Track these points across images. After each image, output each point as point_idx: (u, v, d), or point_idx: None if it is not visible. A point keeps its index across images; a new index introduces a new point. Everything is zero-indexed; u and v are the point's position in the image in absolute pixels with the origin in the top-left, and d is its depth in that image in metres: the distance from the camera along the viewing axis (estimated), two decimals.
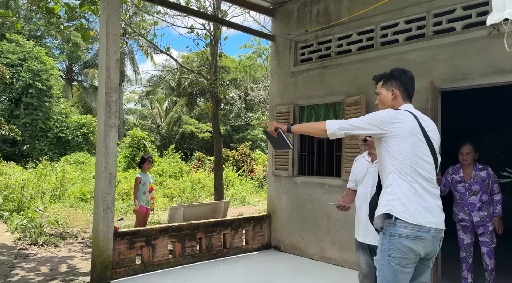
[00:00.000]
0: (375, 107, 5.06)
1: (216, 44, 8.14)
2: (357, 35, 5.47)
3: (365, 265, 3.11)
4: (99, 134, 4.62)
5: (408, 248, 2.19)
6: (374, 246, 2.99)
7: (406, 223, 2.19)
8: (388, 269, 2.24)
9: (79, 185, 12.66)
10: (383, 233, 2.31)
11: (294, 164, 6.24)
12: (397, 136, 2.26)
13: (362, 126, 2.32)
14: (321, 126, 2.43)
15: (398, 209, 2.21)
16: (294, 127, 2.61)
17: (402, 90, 2.48)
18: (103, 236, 4.52)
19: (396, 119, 2.28)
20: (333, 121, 2.40)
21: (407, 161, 2.24)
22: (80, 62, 28.78)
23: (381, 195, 2.36)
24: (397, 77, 2.51)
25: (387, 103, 2.52)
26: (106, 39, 4.57)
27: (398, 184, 2.24)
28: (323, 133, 2.43)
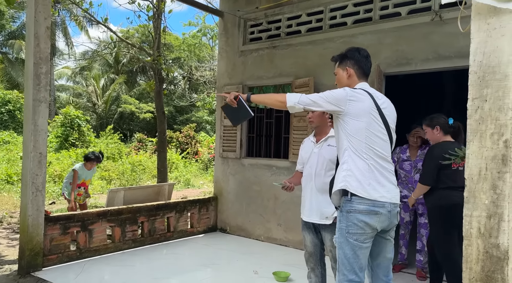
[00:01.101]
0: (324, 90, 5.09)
1: (159, 18, 7.67)
2: (306, 16, 5.43)
3: (310, 244, 3.13)
4: (27, 110, 4.14)
5: (364, 223, 2.24)
6: (319, 225, 3.02)
7: (361, 198, 2.23)
8: (347, 245, 2.27)
9: (5, 167, 11.55)
10: (340, 211, 2.33)
11: (242, 145, 6.14)
12: (353, 114, 2.28)
13: (320, 103, 2.31)
14: (281, 98, 2.38)
15: (353, 185, 2.25)
16: (254, 96, 2.53)
17: (357, 69, 2.49)
18: (33, 221, 4.10)
19: (352, 97, 2.29)
20: (293, 94, 2.37)
21: (362, 139, 2.27)
22: (4, 32, 25.91)
23: (337, 171, 2.38)
24: (351, 56, 2.52)
25: (343, 83, 2.52)
26: (35, 4, 4.05)
27: (354, 161, 2.28)
28: (282, 105, 2.39)
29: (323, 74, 5.16)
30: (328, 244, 3.01)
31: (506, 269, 1.68)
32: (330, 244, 2.99)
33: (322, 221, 2.98)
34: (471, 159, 1.77)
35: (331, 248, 3.00)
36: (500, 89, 1.71)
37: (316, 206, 3.00)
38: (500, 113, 1.70)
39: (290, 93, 2.40)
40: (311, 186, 3.04)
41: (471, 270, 1.75)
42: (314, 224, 3.06)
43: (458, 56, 4.11)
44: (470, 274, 1.76)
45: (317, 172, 3.01)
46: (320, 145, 3.07)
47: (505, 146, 1.68)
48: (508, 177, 1.68)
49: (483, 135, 1.74)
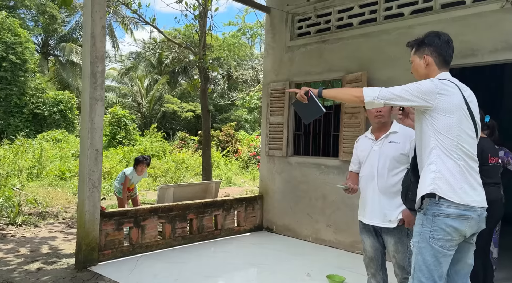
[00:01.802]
0: (377, 85, 4.85)
1: (205, 16, 7.71)
2: (359, 7, 5.20)
3: (370, 248, 2.95)
4: (84, 108, 4.25)
5: (453, 229, 2.03)
6: (380, 228, 2.84)
7: (451, 202, 2.02)
8: (430, 251, 2.07)
9: (58, 163, 12.15)
10: (424, 213, 2.11)
11: (288, 143, 6.01)
12: (444, 110, 2.06)
13: (405, 96, 2.08)
14: (357, 92, 2.18)
15: (443, 188, 2.03)
16: (326, 91, 2.36)
17: (436, 57, 2.24)
18: (89, 216, 4.21)
19: (443, 90, 2.06)
20: (371, 88, 2.16)
21: (454, 137, 2.05)
22: (56, 35, 27.40)
23: (423, 172, 2.15)
24: (430, 42, 2.26)
25: (420, 72, 2.29)
26: (92, 3, 4.15)
27: (443, 161, 2.06)
28: (357, 100, 2.19)
29: (377, 68, 4.92)
30: (391, 249, 2.83)
31: None
32: (393, 249, 2.81)
33: (385, 224, 2.80)
34: None
35: (395, 253, 2.81)
36: None
37: (378, 208, 2.82)
38: None
39: (367, 87, 2.20)
40: (373, 187, 2.85)
41: None
42: (374, 227, 2.89)
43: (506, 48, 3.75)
44: None
45: (379, 172, 2.82)
46: (380, 143, 2.86)
47: None
48: None
49: None
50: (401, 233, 2.77)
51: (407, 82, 4.61)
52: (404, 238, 2.78)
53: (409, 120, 2.69)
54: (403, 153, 2.77)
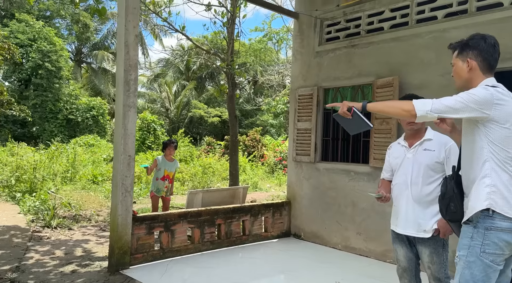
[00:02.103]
0: (409, 89, 4.74)
1: (233, 23, 7.79)
2: (390, 11, 5.11)
3: (404, 259, 2.87)
4: (118, 114, 4.37)
5: (506, 243, 1.95)
6: (414, 238, 2.76)
7: (506, 217, 1.94)
8: (479, 266, 1.99)
9: (90, 168, 12.54)
10: (474, 226, 2.02)
11: (316, 149, 5.96)
12: (500, 120, 1.96)
13: (460, 108, 1.97)
14: (407, 106, 2.05)
15: (499, 203, 1.96)
16: (371, 105, 2.22)
17: (481, 61, 2.12)
18: (122, 220, 4.31)
19: (499, 100, 1.96)
20: (422, 101, 2.03)
21: (509, 148, 1.97)
22: (89, 43, 28.46)
23: (476, 186, 2.05)
24: (474, 45, 2.15)
25: (462, 76, 2.18)
26: (125, 13, 4.28)
27: (498, 174, 1.98)
28: (408, 115, 2.06)
29: (409, 73, 4.81)
30: (426, 259, 2.75)
31: None
32: (428, 260, 2.73)
33: (420, 234, 2.72)
34: None
35: (430, 264, 2.73)
36: None
37: (412, 217, 2.74)
38: None
39: (417, 100, 2.06)
40: (407, 196, 2.78)
41: None
42: (408, 237, 2.81)
43: None
44: None
45: (413, 180, 2.75)
46: (414, 150, 2.79)
47: None
48: None
49: None
50: (436, 244, 2.70)
51: (440, 87, 4.49)
52: (439, 248, 2.70)
53: (445, 125, 2.61)
54: (438, 161, 2.70)
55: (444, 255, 2.73)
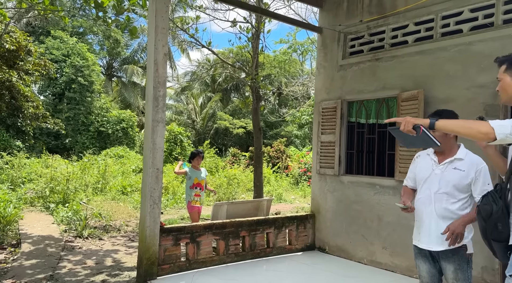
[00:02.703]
0: (435, 103, 4.71)
1: (258, 38, 7.95)
2: (414, 25, 5.11)
3: (427, 275, 2.84)
4: (147, 129, 4.55)
5: None
6: (438, 253, 2.73)
7: None
8: None
9: (120, 179, 12.93)
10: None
11: (340, 162, 5.96)
12: None
13: None
14: (484, 128, 1.91)
15: None
16: (441, 123, 2.07)
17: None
18: (150, 232, 4.46)
19: None
20: (500, 123, 1.91)
21: None
22: (119, 58, 29.54)
23: None
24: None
25: (510, 92, 2.12)
26: (155, 33, 4.49)
27: None
28: (485, 138, 1.93)
29: (434, 86, 4.78)
30: (450, 276, 2.71)
31: None
32: (453, 277, 2.70)
33: (442, 247, 2.69)
34: None
35: (454, 281, 2.70)
36: None
37: (435, 233, 2.72)
38: None
39: (493, 121, 1.93)
40: (430, 211, 2.76)
41: None
42: (431, 253, 2.79)
43: None
44: None
45: (437, 196, 2.73)
46: (443, 167, 2.75)
47: None
48: None
49: None
50: (461, 259, 2.67)
51: (466, 100, 4.45)
52: (464, 264, 2.68)
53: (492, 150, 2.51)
54: (467, 183, 2.67)
55: (468, 271, 2.69)
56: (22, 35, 9.77)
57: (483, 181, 2.63)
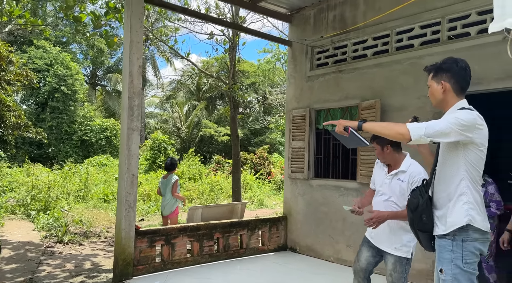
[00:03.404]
0: (390, 111, 5.13)
1: (234, 50, 8.34)
2: (372, 40, 5.55)
3: (364, 261, 3.23)
4: (122, 137, 4.85)
5: (480, 251, 2.20)
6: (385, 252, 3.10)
7: (479, 229, 2.17)
8: (465, 276, 2.17)
9: (102, 187, 13.06)
10: (452, 240, 2.21)
11: (310, 167, 6.33)
12: (477, 143, 2.16)
13: (449, 132, 2.11)
14: (401, 129, 2.16)
15: (477, 219, 2.17)
16: (367, 124, 2.34)
17: (453, 83, 2.29)
18: (125, 234, 4.72)
19: (480, 125, 2.15)
20: (416, 125, 2.16)
21: (480, 169, 2.21)
22: (103, 67, 29.61)
23: (454, 203, 2.23)
24: (447, 69, 2.31)
25: (437, 97, 2.34)
26: (130, 47, 4.81)
27: (472, 192, 2.19)
28: (402, 138, 2.18)
29: (390, 96, 5.21)
30: (390, 267, 3.10)
31: None
32: (391, 268, 3.09)
33: (390, 251, 3.07)
34: None
35: (392, 272, 3.08)
36: None
37: (385, 234, 3.10)
38: None
39: (410, 124, 2.17)
40: None
41: None
42: (379, 249, 3.16)
43: None
44: None
45: (387, 203, 3.11)
46: (391, 177, 3.13)
47: None
48: None
49: None
50: (401, 258, 3.05)
51: (418, 108, 4.88)
52: (404, 260, 3.05)
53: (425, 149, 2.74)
54: (407, 191, 3.01)
55: (406, 267, 3.07)
56: (3, 45, 9.93)
57: None
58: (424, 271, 4.74)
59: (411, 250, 3.06)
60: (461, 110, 2.19)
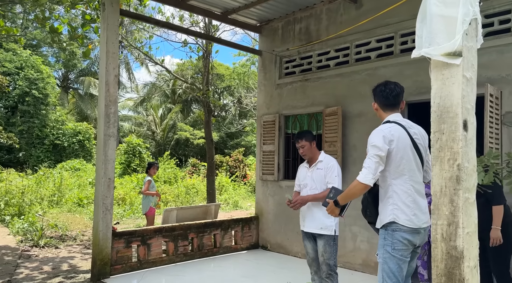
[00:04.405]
0: (350, 117, 5.60)
1: (208, 57, 8.66)
2: (334, 52, 6.02)
3: (312, 251, 3.77)
4: (99, 143, 5.09)
5: (408, 241, 2.59)
6: (317, 234, 3.65)
7: (402, 225, 2.58)
8: (393, 260, 2.58)
9: (76, 191, 13.05)
10: (385, 229, 2.64)
11: (279, 169, 6.73)
12: (394, 154, 2.60)
13: (378, 162, 2.59)
14: (360, 186, 2.63)
15: (400, 217, 2.58)
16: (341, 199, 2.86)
17: (380, 102, 2.82)
18: (103, 235, 4.97)
19: (391, 137, 2.60)
20: (363, 175, 2.60)
21: (405, 172, 2.61)
22: (76, 70, 29.18)
23: (383, 204, 2.69)
24: (374, 92, 2.87)
25: (378, 115, 2.89)
26: (106, 57, 5.06)
27: (398, 195, 2.61)
28: (366, 188, 2.63)
29: (350, 103, 5.68)
30: (321, 249, 3.64)
31: (462, 266, 2.09)
32: (322, 250, 3.63)
33: (320, 231, 3.62)
34: (435, 179, 2.22)
35: (323, 253, 3.62)
36: (453, 124, 2.18)
37: (314, 218, 3.66)
38: (453, 143, 2.16)
39: (360, 177, 2.60)
40: (309, 203, 3.69)
41: (437, 268, 2.18)
42: (312, 234, 3.71)
43: None
44: (437, 270, 2.18)
45: (311, 191, 3.69)
46: (312, 169, 3.77)
47: (458, 169, 2.14)
48: (461, 193, 2.12)
49: (442, 161, 2.20)
50: (329, 237, 3.61)
51: (373, 115, 5.33)
52: (331, 241, 3.61)
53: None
54: (324, 176, 3.67)
55: (334, 247, 3.62)
56: None
57: (331, 173, 3.64)
58: None
59: (334, 228, 3.61)
60: (376, 130, 2.67)
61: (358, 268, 5.52)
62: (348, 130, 5.69)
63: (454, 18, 2.20)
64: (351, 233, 5.62)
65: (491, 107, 4.09)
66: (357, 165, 5.57)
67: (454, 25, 2.20)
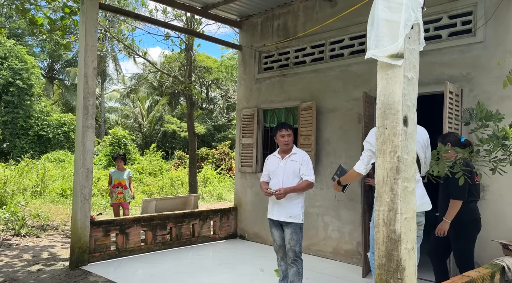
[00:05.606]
0: (324, 112, 5.80)
1: (190, 51, 8.77)
2: (310, 48, 6.20)
3: (279, 238, 3.98)
4: (78, 134, 5.21)
5: None
6: (284, 222, 3.84)
7: None
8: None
9: (60, 182, 13.07)
10: None
11: (257, 161, 6.93)
12: None
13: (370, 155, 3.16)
14: (354, 173, 3.37)
15: None
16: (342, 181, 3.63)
17: None
18: (81, 224, 5.11)
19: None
20: (358, 165, 3.29)
21: None
22: (61, 60, 28.84)
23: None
24: None
25: None
26: (85, 50, 5.16)
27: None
28: (360, 176, 3.38)
29: (324, 99, 5.88)
30: (288, 237, 3.85)
31: (399, 248, 2.31)
32: (289, 237, 3.84)
33: (289, 220, 3.82)
34: (378, 170, 2.43)
35: (290, 240, 3.84)
36: (394, 120, 2.39)
37: (283, 208, 3.85)
38: (394, 137, 2.37)
39: (356, 165, 3.28)
40: None
41: (379, 249, 2.40)
42: (280, 222, 3.91)
43: (435, 82, 4.70)
44: (379, 252, 2.40)
45: (284, 181, 3.85)
46: (285, 161, 3.92)
47: (398, 160, 2.35)
48: (400, 182, 2.34)
49: (385, 153, 2.41)
50: (295, 226, 3.81)
51: (346, 110, 5.59)
52: (298, 229, 3.82)
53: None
54: (298, 168, 3.84)
55: (300, 234, 3.83)
56: None
57: (306, 166, 3.83)
58: (350, 251, 5.47)
59: (301, 216, 3.84)
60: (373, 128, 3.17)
61: (329, 255, 5.78)
62: (322, 125, 5.91)
63: (397, 23, 2.39)
64: (323, 222, 5.87)
65: (451, 104, 4.34)
66: (330, 158, 5.81)
67: (397, 29, 2.39)
